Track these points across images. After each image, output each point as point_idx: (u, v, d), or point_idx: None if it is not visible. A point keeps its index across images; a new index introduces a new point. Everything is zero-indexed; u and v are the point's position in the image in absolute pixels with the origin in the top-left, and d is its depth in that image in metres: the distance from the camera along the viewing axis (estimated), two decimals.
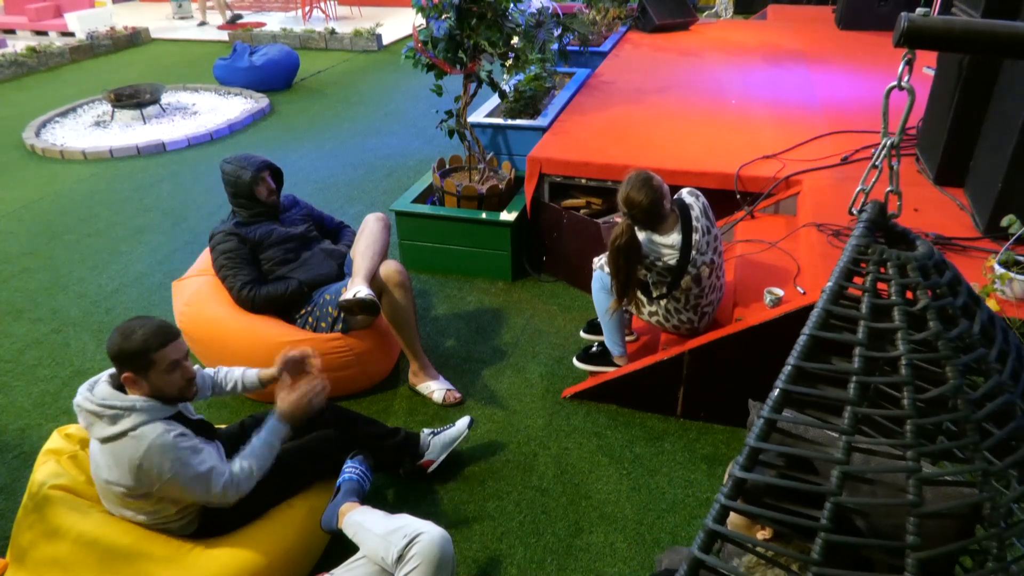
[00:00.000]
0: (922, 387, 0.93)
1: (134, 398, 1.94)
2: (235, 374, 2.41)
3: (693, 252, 2.64)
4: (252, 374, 2.41)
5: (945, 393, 0.93)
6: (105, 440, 1.93)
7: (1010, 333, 1.07)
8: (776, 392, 0.96)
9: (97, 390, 1.96)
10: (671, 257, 2.66)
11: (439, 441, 2.60)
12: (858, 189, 1.16)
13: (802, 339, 0.98)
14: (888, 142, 1.11)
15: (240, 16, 10.40)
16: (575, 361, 3.17)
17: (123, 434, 1.90)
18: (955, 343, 0.95)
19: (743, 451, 0.94)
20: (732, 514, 1.09)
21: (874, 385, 0.96)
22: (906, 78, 1.05)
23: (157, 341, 1.93)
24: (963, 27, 1.02)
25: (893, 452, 0.92)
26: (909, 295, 0.99)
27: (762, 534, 1.30)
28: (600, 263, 2.91)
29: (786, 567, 1.21)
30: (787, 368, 0.97)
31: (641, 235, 2.66)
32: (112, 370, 2.01)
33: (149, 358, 1.92)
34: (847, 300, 1.00)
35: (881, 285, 1.00)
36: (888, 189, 1.14)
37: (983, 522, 0.92)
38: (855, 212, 1.12)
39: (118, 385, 1.99)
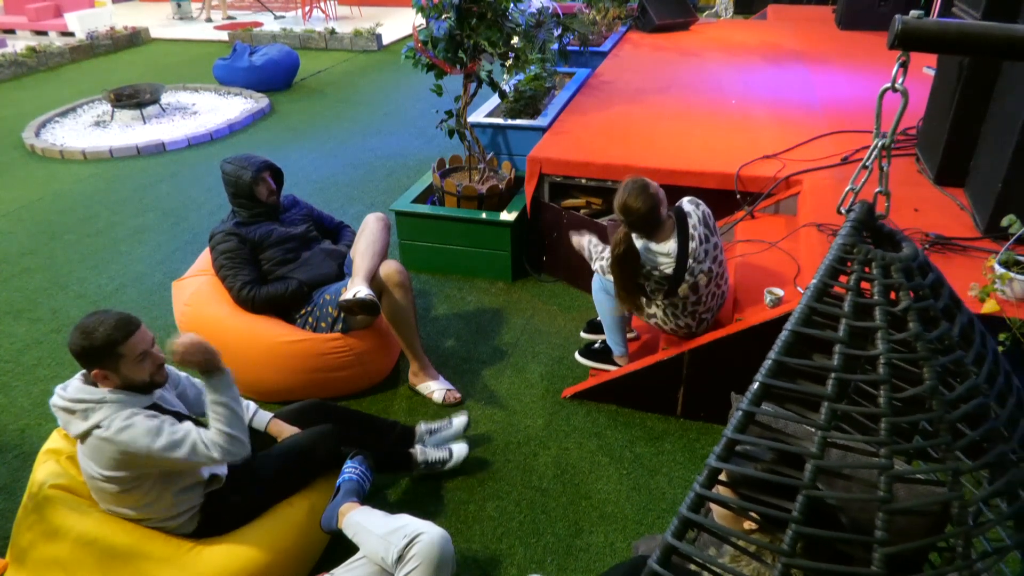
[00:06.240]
0: (899, 386, 0.94)
1: (104, 391, 1.95)
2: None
3: (690, 260, 2.61)
4: (264, 418, 2.42)
5: (921, 393, 0.94)
6: (82, 437, 1.94)
7: (988, 338, 1.07)
8: (756, 385, 0.97)
9: (70, 387, 1.97)
10: (667, 266, 2.63)
11: (433, 449, 2.63)
12: (847, 189, 1.16)
13: (784, 334, 0.99)
14: (879, 143, 1.11)
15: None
16: (577, 356, 3.17)
17: (97, 426, 1.91)
18: (934, 345, 0.96)
19: (720, 442, 0.96)
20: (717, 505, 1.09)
21: (853, 382, 0.97)
22: (900, 80, 1.06)
23: (121, 334, 1.91)
24: (957, 29, 1.03)
25: (868, 449, 0.93)
26: (892, 295, 0.99)
27: (748, 525, 1.31)
28: (601, 263, 2.91)
29: (764, 560, 1.22)
30: (767, 362, 0.98)
31: (639, 243, 2.66)
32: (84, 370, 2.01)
33: (116, 352, 1.91)
34: (831, 298, 1.01)
35: (865, 284, 1.01)
36: (876, 190, 1.14)
37: (952, 520, 0.93)
38: (844, 212, 1.12)
39: (91, 382, 1.99)
